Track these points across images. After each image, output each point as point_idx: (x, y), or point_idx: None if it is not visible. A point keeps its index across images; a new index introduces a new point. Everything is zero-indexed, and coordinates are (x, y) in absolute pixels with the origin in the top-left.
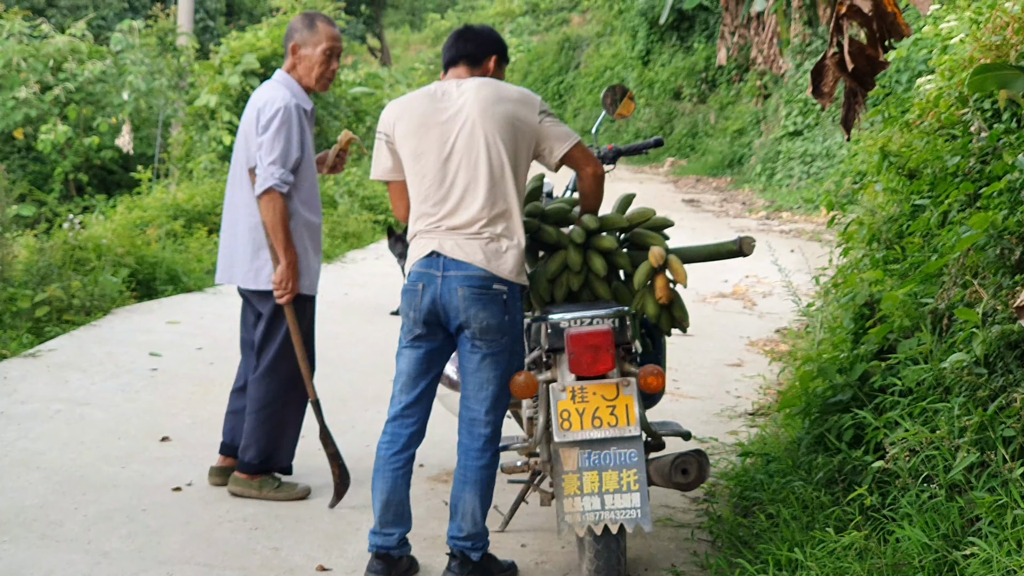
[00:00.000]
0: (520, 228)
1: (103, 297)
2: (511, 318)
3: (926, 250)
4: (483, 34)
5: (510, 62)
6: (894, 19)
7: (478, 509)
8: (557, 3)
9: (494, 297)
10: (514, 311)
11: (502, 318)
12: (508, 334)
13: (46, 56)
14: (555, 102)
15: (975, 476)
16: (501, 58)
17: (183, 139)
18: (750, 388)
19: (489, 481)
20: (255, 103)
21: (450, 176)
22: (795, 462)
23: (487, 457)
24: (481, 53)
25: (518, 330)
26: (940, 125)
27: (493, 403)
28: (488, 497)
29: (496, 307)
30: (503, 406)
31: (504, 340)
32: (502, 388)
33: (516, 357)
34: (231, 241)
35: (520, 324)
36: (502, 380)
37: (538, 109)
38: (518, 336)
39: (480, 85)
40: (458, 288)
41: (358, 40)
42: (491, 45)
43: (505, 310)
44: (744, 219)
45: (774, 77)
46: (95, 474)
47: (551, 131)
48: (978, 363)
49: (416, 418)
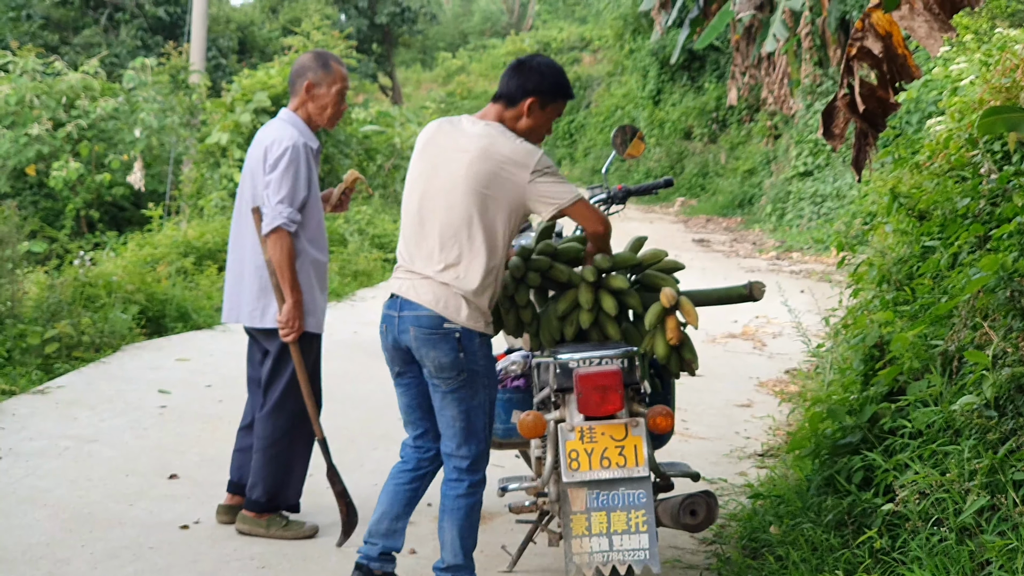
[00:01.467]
0: (479, 283)
1: (113, 334)
2: (467, 356)
3: (936, 292)
4: (530, 71)
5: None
6: (904, 61)
7: (456, 540)
8: (568, 42)
9: (445, 336)
10: (470, 349)
11: (455, 356)
12: (465, 371)
13: (59, 93)
14: (566, 141)
15: (985, 519)
16: (545, 100)
17: (194, 176)
18: (759, 429)
19: (467, 511)
20: (262, 141)
21: (425, 217)
22: (804, 504)
23: (462, 487)
24: (520, 93)
25: (478, 366)
26: (950, 167)
27: (464, 439)
28: (467, 529)
29: (447, 345)
30: (478, 440)
31: (462, 377)
32: (470, 423)
33: (482, 392)
34: (237, 280)
35: (481, 361)
36: (468, 416)
37: (531, 169)
38: (479, 372)
39: (482, 134)
40: (410, 328)
41: (369, 78)
42: (533, 84)
43: (458, 348)
44: (754, 259)
45: (785, 117)
46: (102, 512)
47: (543, 191)
48: (988, 406)
49: (428, 447)
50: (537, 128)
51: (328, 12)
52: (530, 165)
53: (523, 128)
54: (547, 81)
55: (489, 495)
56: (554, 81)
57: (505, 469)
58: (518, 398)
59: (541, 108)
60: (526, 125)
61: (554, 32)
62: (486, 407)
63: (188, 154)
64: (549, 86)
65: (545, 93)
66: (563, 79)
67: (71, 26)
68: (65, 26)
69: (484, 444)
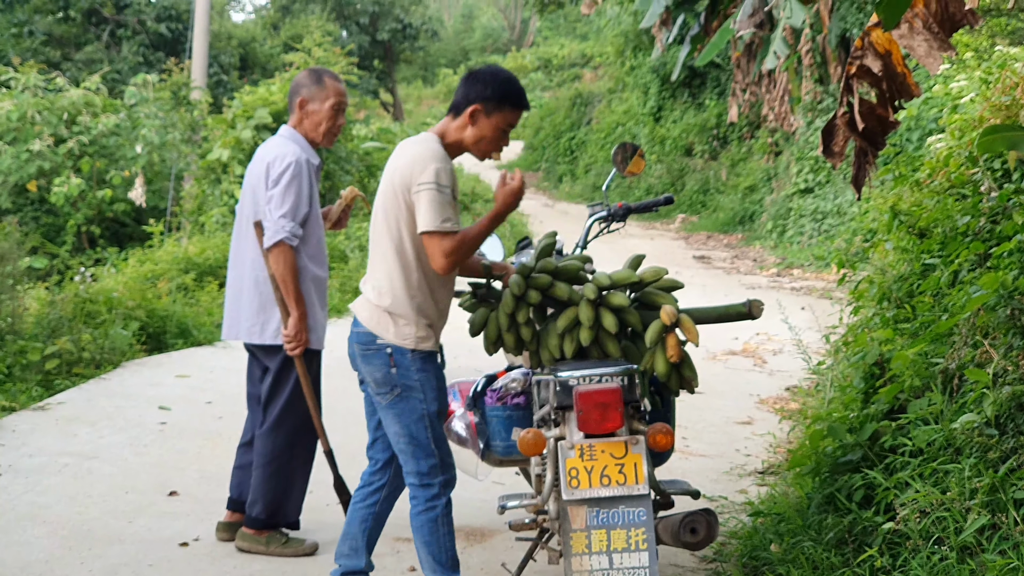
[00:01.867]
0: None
1: (113, 350)
2: (399, 371)
3: (936, 310)
4: (475, 80)
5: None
6: (904, 79)
7: (428, 557)
8: (569, 59)
9: (377, 351)
10: (402, 364)
11: (387, 371)
12: (398, 386)
13: (60, 109)
14: (567, 157)
15: (986, 538)
16: (490, 108)
17: (195, 192)
18: (760, 446)
19: (430, 527)
20: (263, 157)
21: (371, 236)
22: (805, 522)
23: (419, 504)
24: (464, 102)
25: (411, 381)
26: (950, 184)
27: (410, 454)
28: (435, 544)
29: (379, 360)
30: (426, 454)
31: (396, 393)
32: (412, 439)
33: (420, 407)
34: (236, 296)
35: (415, 375)
36: (410, 431)
37: (417, 181)
38: (414, 387)
39: (403, 149)
40: (353, 344)
41: (371, 95)
42: (476, 93)
43: (390, 363)
44: (755, 276)
45: (785, 134)
46: (102, 529)
47: (418, 205)
48: (989, 424)
49: (376, 459)
50: (484, 138)
51: (329, 28)
52: (416, 178)
53: (470, 138)
54: (491, 89)
55: (488, 512)
56: (499, 89)
57: (505, 486)
58: (518, 415)
59: (486, 116)
60: (472, 135)
61: (555, 49)
62: (427, 421)
63: (189, 170)
64: (493, 93)
65: (488, 100)
66: (511, 87)
67: (73, 42)
68: (67, 42)
69: (433, 458)
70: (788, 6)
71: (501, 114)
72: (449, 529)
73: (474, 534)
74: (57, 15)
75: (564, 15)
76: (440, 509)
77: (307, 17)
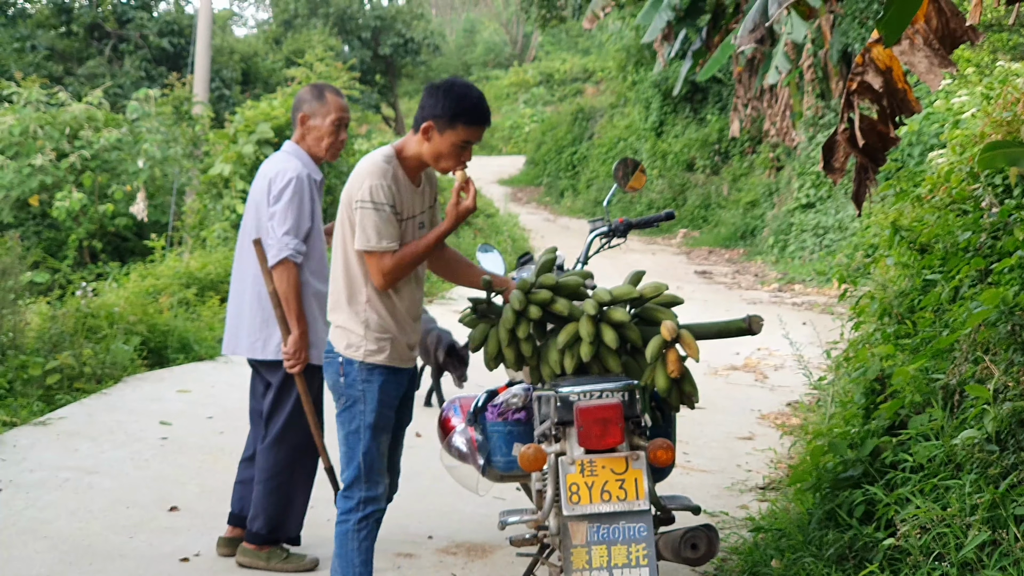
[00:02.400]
0: (337, 310)
1: (114, 365)
2: (347, 381)
3: (937, 325)
4: (430, 95)
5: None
6: (905, 96)
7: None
8: (571, 74)
9: (331, 361)
10: (349, 375)
11: (336, 379)
12: (344, 395)
13: (62, 124)
14: (568, 172)
15: (987, 554)
16: (442, 124)
17: (197, 207)
18: (761, 462)
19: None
20: (266, 173)
21: None
22: (806, 537)
23: (338, 513)
24: (419, 117)
25: (355, 392)
26: (951, 200)
27: (345, 463)
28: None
29: (332, 369)
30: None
31: (342, 401)
32: (345, 448)
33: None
34: (238, 311)
35: (360, 388)
36: (344, 440)
37: (355, 198)
38: (356, 398)
39: (360, 162)
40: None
41: (372, 109)
42: (429, 109)
43: (340, 372)
44: (756, 291)
45: (787, 149)
46: (102, 544)
47: (356, 223)
48: (990, 440)
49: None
50: (440, 154)
51: (331, 43)
52: (354, 195)
53: (427, 154)
54: (441, 106)
55: (489, 528)
56: (451, 106)
57: (506, 502)
58: (519, 431)
59: (439, 133)
60: (429, 151)
61: (557, 63)
62: (361, 433)
63: (191, 185)
64: (443, 111)
65: (439, 117)
66: (465, 103)
67: (75, 57)
68: (69, 57)
69: (357, 470)
70: (790, 21)
71: (454, 131)
72: (360, 546)
73: (475, 550)
74: (59, 30)
75: (566, 30)
76: (352, 523)
77: (309, 32)
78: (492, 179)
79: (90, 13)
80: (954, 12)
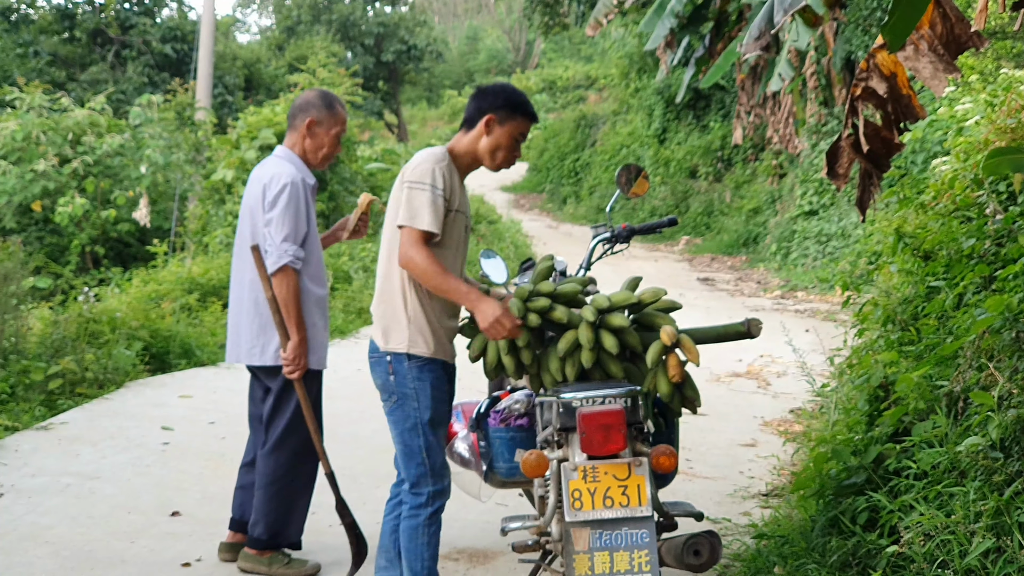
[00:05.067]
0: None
1: (116, 370)
2: (397, 379)
3: (941, 332)
4: (483, 93)
5: (534, 121)
6: (909, 101)
7: (405, 565)
8: (574, 81)
9: (379, 360)
10: (400, 372)
11: (386, 379)
12: (395, 393)
13: (65, 129)
14: (571, 179)
15: (991, 562)
16: (503, 116)
17: (199, 213)
18: (764, 469)
19: (410, 534)
20: (259, 178)
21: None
22: (809, 544)
23: (404, 509)
24: (477, 113)
25: (407, 390)
26: (955, 207)
27: (402, 462)
28: (413, 552)
29: (380, 369)
30: (416, 462)
31: (393, 399)
32: (404, 446)
33: (414, 415)
34: (237, 317)
35: (411, 385)
36: (402, 439)
37: (411, 179)
38: (408, 395)
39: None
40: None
41: (375, 116)
42: (489, 103)
43: (389, 371)
44: (759, 298)
45: (790, 156)
46: (104, 549)
47: (405, 201)
48: (994, 447)
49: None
50: (500, 147)
51: (334, 50)
52: (406, 172)
53: (484, 148)
54: (502, 99)
55: (492, 534)
56: (510, 98)
57: (509, 508)
58: (521, 437)
59: (500, 124)
60: (487, 145)
61: (559, 71)
62: (419, 429)
63: (193, 191)
64: (504, 102)
65: (500, 109)
66: (522, 98)
67: (78, 63)
68: (72, 63)
69: (423, 466)
70: (793, 28)
71: (514, 122)
72: (430, 540)
73: (477, 556)
74: (62, 35)
75: (569, 37)
76: (423, 518)
77: (312, 38)
78: (495, 186)
79: (93, 19)
80: (959, 17)
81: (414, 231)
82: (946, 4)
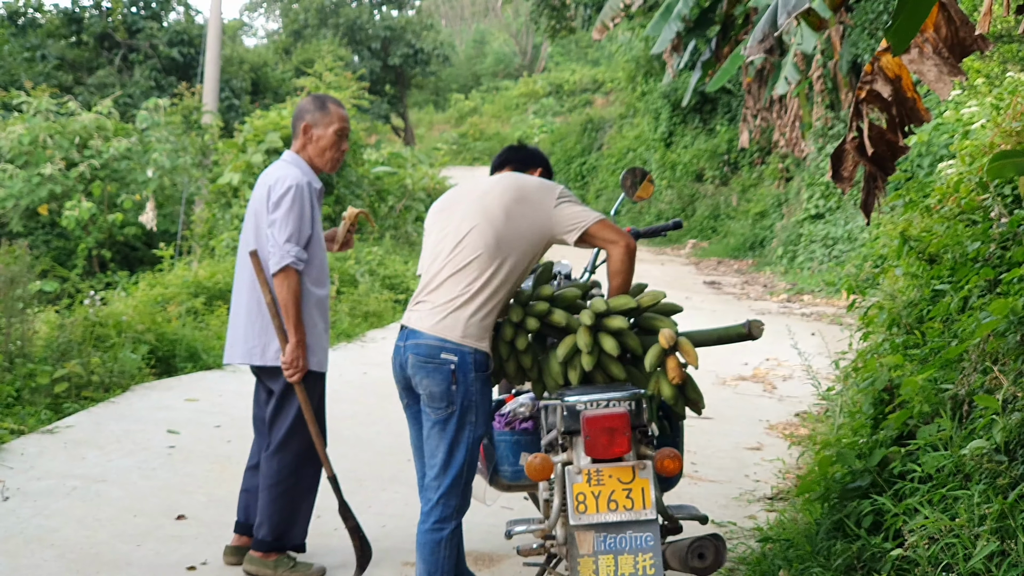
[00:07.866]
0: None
1: (122, 374)
2: (460, 388)
3: (946, 335)
4: (532, 150)
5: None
6: (914, 104)
7: (421, 572)
8: (580, 85)
9: (439, 366)
10: (464, 381)
11: (447, 387)
12: (455, 403)
13: (72, 133)
14: (578, 182)
15: (995, 565)
16: (546, 172)
17: (206, 217)
18: (769, 472)
19: (432, 548)
20: (265, 182)
21: (443, 254)
22: (814, 548)
23: (430, 522)
24: (529, 162)
25: (471, 400)
26: (961, 210)
27: (441, 470)
28: (430, 563)
29: (440, 376)
30: (456, 475)
31: (451, 409)
32: (451, 456)
33: (469, 429)
34: (237, 318)
35: (475, 395)
36: (451, 448)
37: (556, 194)
38: (470, 407)
39: (504, 176)
40: (409, 356)
41: (382, 120)
42: (538, 160)
43: (452, 380)
44: (765, 301)
45: (796, 160)
46: (109, 552)
47: (567, 213)
48: (998, 450)
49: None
50: None
51: (341, 53)
52: (555, 191)
53: None
54: (547, 161)
55: (496, 537)
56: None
57: (514, 511)
58: (526, 440)
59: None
60: None
61: (566, 74)
62: (470, 444)
63: (200, 194)
64: (547, 164)
65: (547, 167)
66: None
67: (85, 66)
68: (79, 67)
69: (459, 481)
70: (799, 32)
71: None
72: (451, 553)
73: (482, 559)
74: (69, 39)
75: (575, 41)
76: (447, 532)
77: (319, 42)
78: None
79: (100, 23)
80: (963, 21)
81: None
82: (951, 7)
